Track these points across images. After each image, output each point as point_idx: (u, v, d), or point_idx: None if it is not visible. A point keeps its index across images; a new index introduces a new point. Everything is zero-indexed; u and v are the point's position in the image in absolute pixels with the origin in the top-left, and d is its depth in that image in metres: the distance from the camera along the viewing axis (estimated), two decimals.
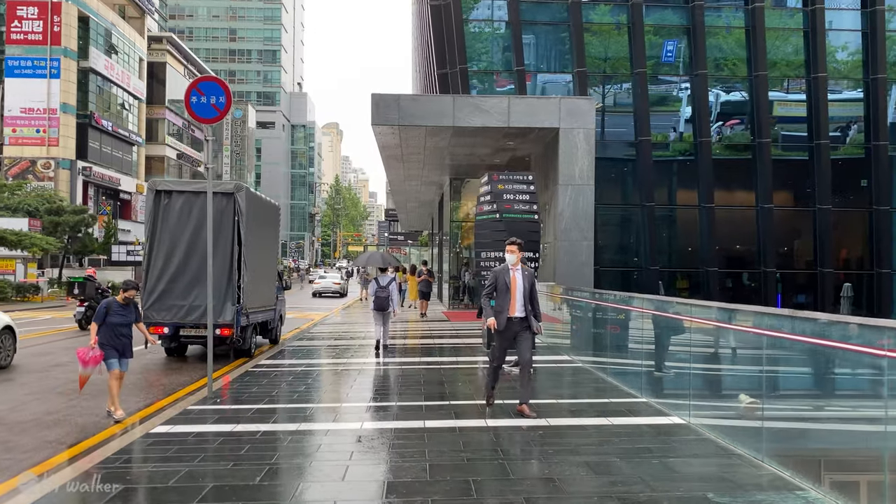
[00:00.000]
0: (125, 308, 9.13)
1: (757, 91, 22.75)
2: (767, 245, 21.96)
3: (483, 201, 14.88)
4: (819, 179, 23.15)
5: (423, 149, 20.08)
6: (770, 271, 21.36)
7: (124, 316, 9.07)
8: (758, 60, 22.40)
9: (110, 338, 8.95)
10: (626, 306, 11.14)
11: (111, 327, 8.95)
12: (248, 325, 14.58)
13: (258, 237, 15.22)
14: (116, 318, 8.95)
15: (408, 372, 11.83)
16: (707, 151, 21.25)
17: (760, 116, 22.83)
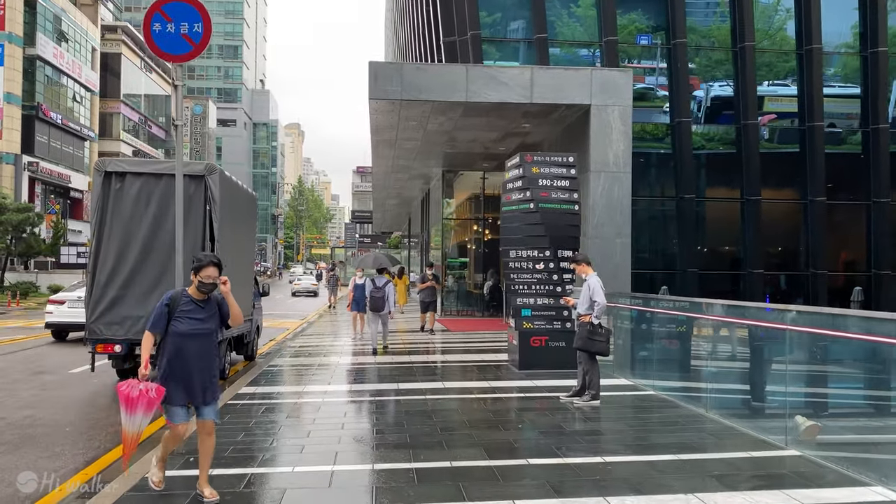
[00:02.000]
0: (204, 306, 5.34)
1: (810, 68, 19.85)
2: (816, 245, 19.20)
3: (512, 188, 12.22)
4: (875, 170, 20.93)
5: (422, 132, 17.37)
6: (820, 273, 18.96)
7: (201, 321, 5.29)
8: (811, 34, 19.76)
9: (178, 362, 5.23)
10: (736, 318, 8.57)
11: (179, 341, 5.22)
12: (223, 341, 11.74)
13: (234, 232, 12.40)
14: (187, 323, 5.22)
15: (442, 407, 9.11)
16: (753, 137, 18.48)
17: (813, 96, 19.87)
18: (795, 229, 19.88)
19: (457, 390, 10.05)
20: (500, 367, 12.25)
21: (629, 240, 14.65)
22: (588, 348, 9.12)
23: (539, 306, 11.79)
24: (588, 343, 9.10)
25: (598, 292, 9.10)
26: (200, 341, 5.25)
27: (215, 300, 5.37)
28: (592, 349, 9.09)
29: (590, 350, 9.12)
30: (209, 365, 5.38)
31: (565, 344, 11.71)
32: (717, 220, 18.36)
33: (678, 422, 8.03)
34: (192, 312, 5.24)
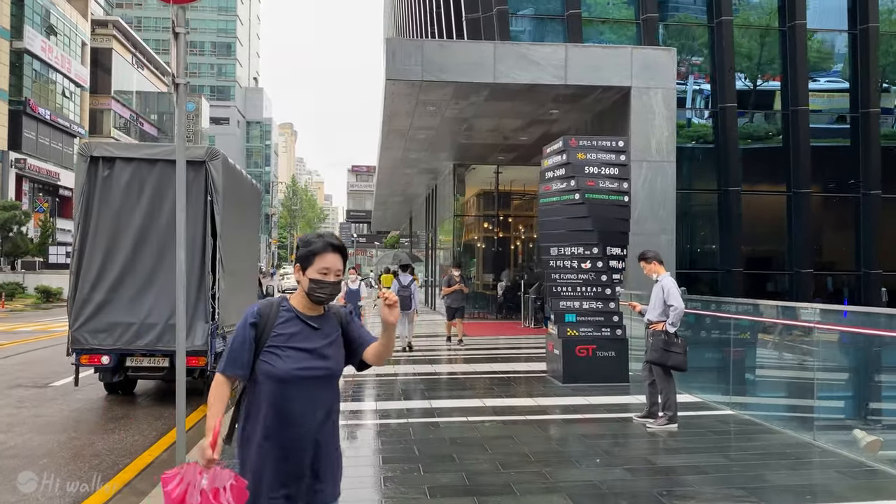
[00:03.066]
0: (320, 326, 3.00)
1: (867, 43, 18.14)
2: (869, 242, 17.56)
3: (552, 177, 10.81)
4: None
5: (439, 120, 15.97)
6: (874, 273, 17.47)
7: (317, 355, 2.93)
8: (868, 9, 18.17)
9: (278, 428, 2.89)
10: (844, 326, 7.20)
11: (278, 391, 2.87)
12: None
13: (237, 227, 11.00)
14: (293, 358, 2.88)
15: (492, 432, 7.70)
16: (804, 122, 16.85)
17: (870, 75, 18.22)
18: (845, 226, 18.29)
19: (501, 409, 8.62)
20: (539, 380, 10.84)
21: (674, 236, 13.29)
22: (663, 362, 7.73)
23: (585, 311, 10.39)
24: (663, 356, 7.71)
25: (675, 295, 7.72)
26: (316, 389, 2.90)
27: (338, 317, 3.07)
28: (668, 363, 7.70)
29: (665, 364, 7.73)
30: (330, 433, 3.00)
31: (615, 354, 10.35)
32: (762, 215, 16.94)
33: (787, 453, 6.64)
34: (300, 338, 2.92)
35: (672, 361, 7.67)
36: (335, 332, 3.01)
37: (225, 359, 2.96)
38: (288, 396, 2.84)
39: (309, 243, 2.97)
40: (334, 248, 2.96)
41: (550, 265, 10.66)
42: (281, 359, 2.84)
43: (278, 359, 2.85)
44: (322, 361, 2.91)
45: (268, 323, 2.92)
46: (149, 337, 9.42)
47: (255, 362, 2.89)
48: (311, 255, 2.92)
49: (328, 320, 3.02)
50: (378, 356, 3.03)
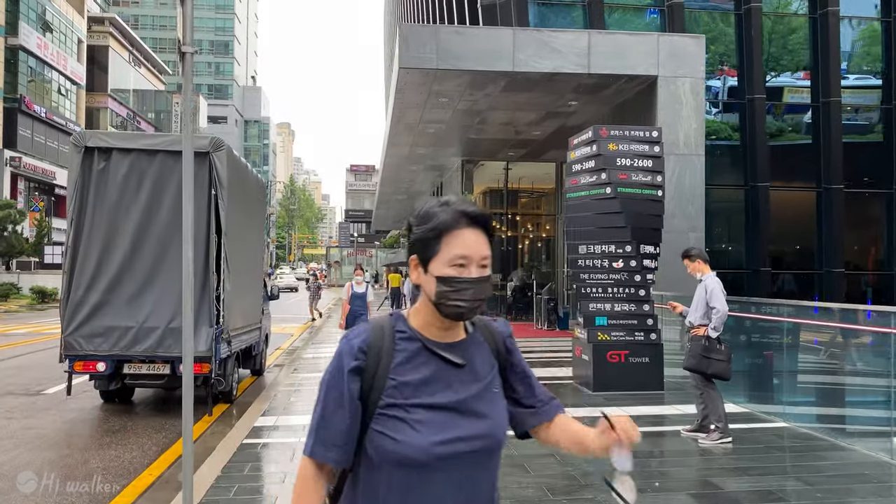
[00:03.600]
0: (467, 360, 1.75)
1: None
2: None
3: (581, 170, 10.10)
4: None
5: (450, 113, 15.26)
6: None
7: (470, 415, 1.69)
8: None
9: None
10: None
11: (412, 480, 1.63)
12: (231, 355, 9.63)
13: (243, 224, 10.28)
14: (435, 424, 1.64)
15: (530, 450, 6.95)
16: (836, 114, 15.95)
17: None
18: (877, 223, 17.45)
19: None
20: (567, 388, 10.12)
21: (703, 234, 12.59)
22: (702, 369, 7.05)
23: (617, 313, 9.69)
24: (702, 363, 7.02)
25: (718, 296, 7.03)
26: (471, 471, 1.69)
27: (491, 339, 1.86)
28: (708, 370, 7.01)
29: (704, 372, 7.04)
30: None
31: (649, 360, 9.64)
32: (790, 212, 16.19)
33: (866, 475, 5.93)
34: (437, 386, 1.70)
35: (713, 369, 6.97)
36: (490, 366, 1.81)
37: (313, 434, 1.75)
38: (427, 489, 1.64)
39: (429, 217, 1.71)
40: (473, 220, 1.69)
41: (578, 264, 9.95)
42: (411, 426, 1.64)
43: (406, 427, 1.64)
44: (477, 423, 1.69)
45: (380, 364, 1.69)
46: (148, 342, 8.71)
47: (363, 435, 1.70)
48: (436, 238, 1.68)
49: (477, 347, 1.80)
50: (575, 442, 1.88)
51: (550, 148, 19.48)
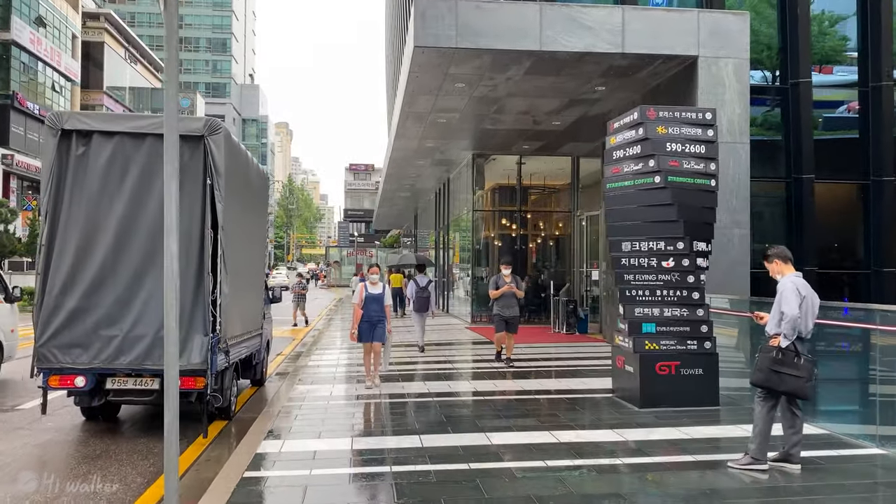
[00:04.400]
0: None
1: None
2: None
3: (623, 156, 8.97)
4: None
5: (466, 100, 14.13)
6: None
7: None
8: None
9: None
10: None
11: None
12: (229, 367, 8.51)
13: (243, 218, 9.17)
14: None
15: (594, 488, 5.87)
16: (888, 99, 14.97)
17: None
18: None
19: (582, 448, 6.76)
20: (608, 403, 8.99)
21: (748, 230, 11.46)
22: (772, 385, 5.92)
23: (667, 319, 8.55)
24: (772, 378, 5.89)
25: (788, 298, 5.90)
26: None
27: None
28: (780, 387, 5.87)
29: (775, 389, 5.91)
30: None
31: (703, 371, 8.52)
32: (835, 207, 15.00)
33: None
34: None
35: (786, 386, 5.83)
36: None
37: None
38: None
39: None
40: None
41: (622, 263, 8.81)
42: None
43: None
44: None
45: None
46: (135, 353, 7.60)
47: None
48: None
49: None
50: None
51: (567, 140, 18.36)
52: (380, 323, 10.10)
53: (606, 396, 9.31)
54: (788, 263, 6.27)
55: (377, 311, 10.09)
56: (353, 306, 10.45)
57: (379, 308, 10.11)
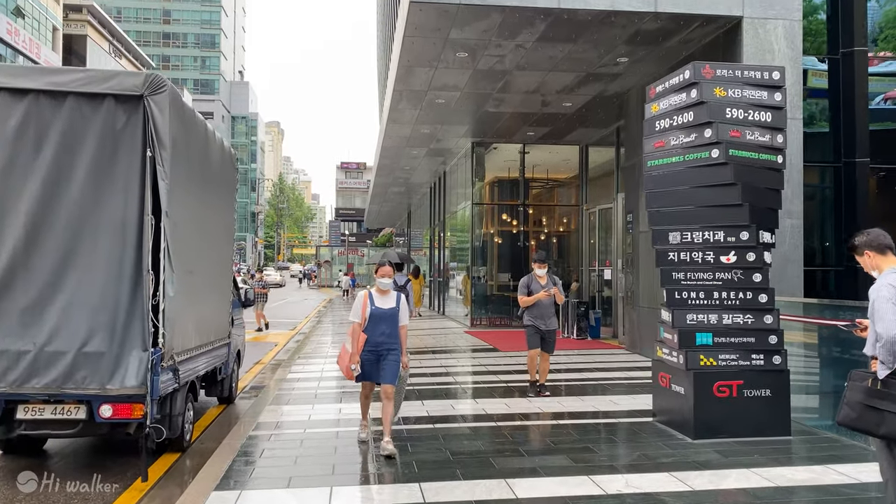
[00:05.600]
0: None
1: None
2: None
3: (670, 126, 7.27)
4: None
5: (468, 75, 12.45)
6: None
7: None
8: None
9: None
10: None
11: None
12: (180, 389, 6.79)
13: (199, 203, 7.45)
14: None
15: None
16: None
17: None
18: None
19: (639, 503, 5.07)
20: (650, 430, 7.28)
21: (801, 221, 9.80)
22: (866, 427, 4.20)
23: (727, 328, 6.87)
24: (865, 416, 4.17)
25: (883, 311, 4.11)
26: None
27: None
28: (880, 430, 4.14)
29: (872, 432, 4.20)
30: None
31: (771, 393, 6.83)
32: (890, 194, 13.31)
33: None
34: None
35: (887, 428, 4.11)
36: None
37: None
38: None
39: None
40: None
41: (669, 258, 7.12)
42: None
43: None
44: None
45: None
46: (52, 373, 5.92)
47: None
48: None
49: None
50: None
51: (576, 126, 16.69)
52: (390, 354, 6.50)
53: (646, 421, 7.61)
54: (888, 254, 4.50)
55: (387, 336, 6.52)
56: (350, 326, 6.67)
57: (390, 330, 6.53)
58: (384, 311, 6.53)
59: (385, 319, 6.51)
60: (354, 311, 6.61)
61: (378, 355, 6.49)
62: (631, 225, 13.37)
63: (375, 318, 6.49)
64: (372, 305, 6.53)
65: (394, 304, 6.61)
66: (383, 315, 6.51)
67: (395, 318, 6.57)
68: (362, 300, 6.57)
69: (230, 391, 9.60)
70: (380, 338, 6.46)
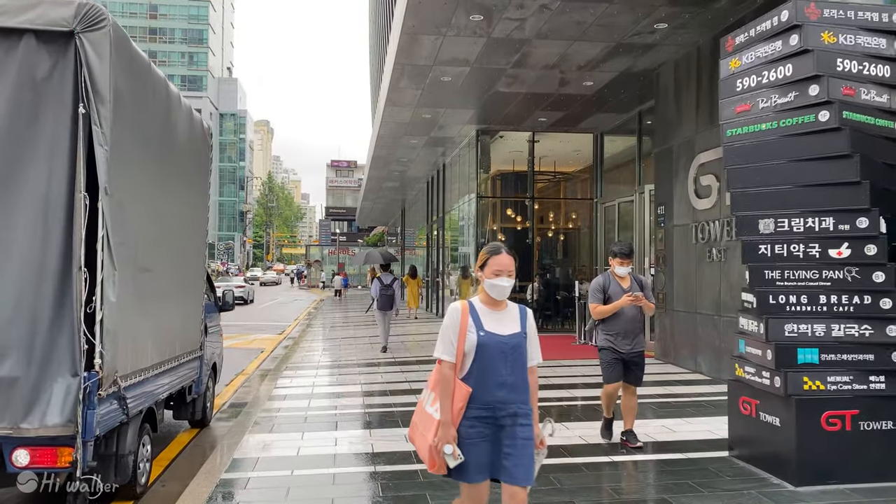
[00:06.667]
0: None
1: None
2: None
3: (759, 84, 5.72)
4: None
5: (481, 46, 10.91)
6: None
7: None
8: None
9: None
10: None
11: None
12: (131, 420, 5.22)
13: (156, 181, 5.87)
14: None
15: None
16: None
17: None
18: None
19: None
20: (730, 470, 5.72)
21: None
22: None
23: (838, 343, 5.33)
24: None
25: None
26: None
27: None
28: None
29: None
30: None
31: (895, 425, 5.28)
32: None
33: None
34: None
35: None
36: None
37: None
38: None
39: None
40: None
41: (759, 253, 5.57)
42: None
43: None
44: None
45: None
46: None
47: None
48: None
49: None
50: None
51: (593, 111, 15.17)
52: (518, 423, 3.48)
53: (721, 457, 6.06)
54: None
55: (511, 388, 3.47)
56: (436, 366, 3.61)
57: (515, 376, 3.49)
58: (503, 341, 3.47)
59: (506, 356, 3.46)
60: (443, 339, 3.53)
61: (496, 426, 3.43)
62: (663, 219, 11.85)
63: (488, 354, 3.44)
64: (479, 329, 3.48)
65: (517, 325, 3.56)
66: (503, 347, 3.46)
67: (522, 352, 3.51)
68: (458, 317, 3.53)
69: (204, 412, 8.03)
70: (498, 392, 3.44)
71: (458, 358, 3.45)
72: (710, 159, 10.25)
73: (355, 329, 19.76)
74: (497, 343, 3.44)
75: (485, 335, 3.44)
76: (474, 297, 3.64)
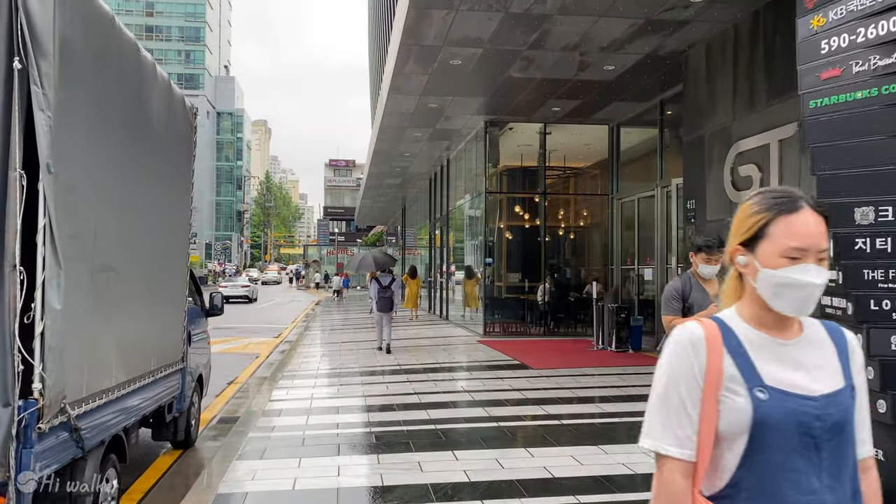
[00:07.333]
0: None
1: None
2: None
3: (849, 45, 4.72)
4: None
5: (497, 21, 9.93)
6: None
7: None
8: None
9: None
10: None
11: None
12: (89, 454, 4.20)
13: (123, 162, 4.84)
14: None
15: None
16: None
17: None
18: None
19: None
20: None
21: None
22: None
23: None
24: None
25: None
26: None
27: None
28: None
29: None
30: None
31: None
32: None
33: None
34: None
35: None
36: None
37: None
38: None
39: None
40: None
41: (856, 248, 4.59)
42: None
43: None
44: None
45: None
46: None
47: None
48: None
49: None
50: None
51: (610, 100, 14.22)
52: None
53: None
54: None
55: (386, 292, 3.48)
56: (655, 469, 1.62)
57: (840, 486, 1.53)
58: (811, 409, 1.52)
59: (820, 444, 1.51)
60: (661, 407, 1.59)
61: None
62: (693, 213, 10.87)
63: (777, 441, 1.50)
64: (753, 384, 1.53)
65: (836, 370, 1.59)
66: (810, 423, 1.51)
67: (850, 434, 1.56)
68: (698, 359, 1.56)
69: (188, 432, 7.03)
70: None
71: (701, 451, 1.54)
72: (750, 147, 9.28)
73: (355, 332, 18.80)
74: (796, 414, 1.51)
75: (768, 398, 1.52)
76: (727, 309, 1.67)
